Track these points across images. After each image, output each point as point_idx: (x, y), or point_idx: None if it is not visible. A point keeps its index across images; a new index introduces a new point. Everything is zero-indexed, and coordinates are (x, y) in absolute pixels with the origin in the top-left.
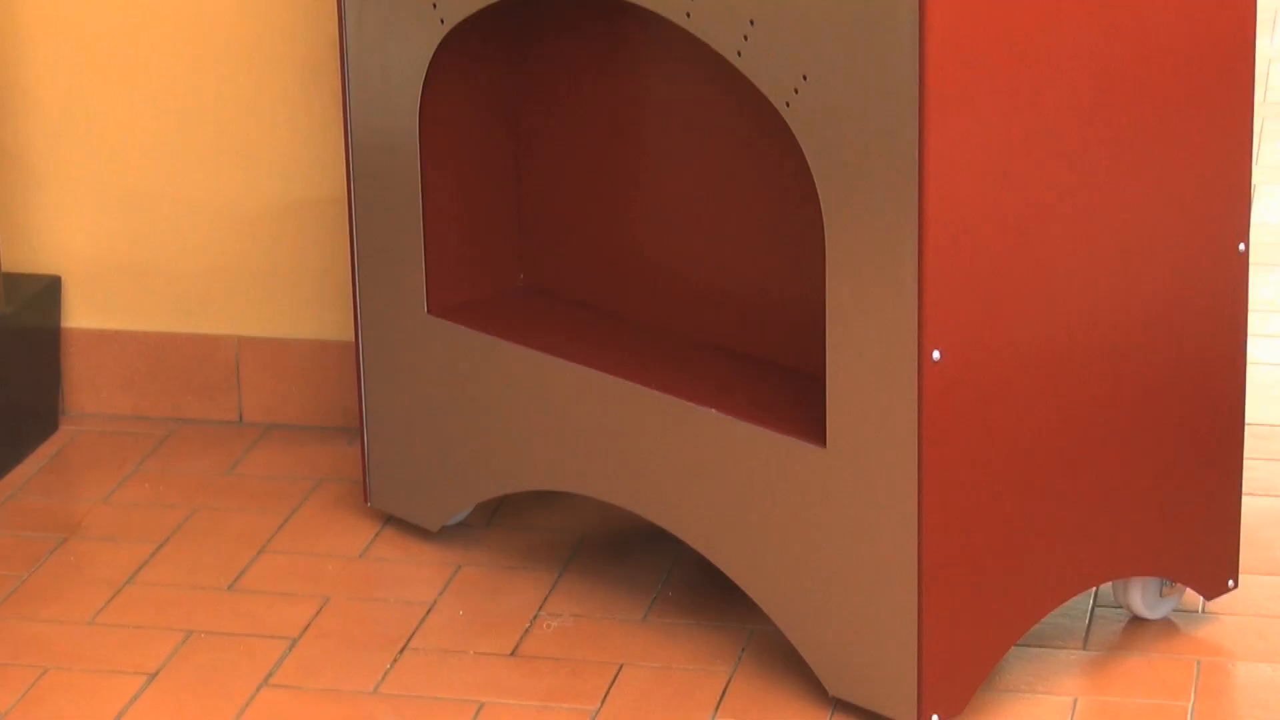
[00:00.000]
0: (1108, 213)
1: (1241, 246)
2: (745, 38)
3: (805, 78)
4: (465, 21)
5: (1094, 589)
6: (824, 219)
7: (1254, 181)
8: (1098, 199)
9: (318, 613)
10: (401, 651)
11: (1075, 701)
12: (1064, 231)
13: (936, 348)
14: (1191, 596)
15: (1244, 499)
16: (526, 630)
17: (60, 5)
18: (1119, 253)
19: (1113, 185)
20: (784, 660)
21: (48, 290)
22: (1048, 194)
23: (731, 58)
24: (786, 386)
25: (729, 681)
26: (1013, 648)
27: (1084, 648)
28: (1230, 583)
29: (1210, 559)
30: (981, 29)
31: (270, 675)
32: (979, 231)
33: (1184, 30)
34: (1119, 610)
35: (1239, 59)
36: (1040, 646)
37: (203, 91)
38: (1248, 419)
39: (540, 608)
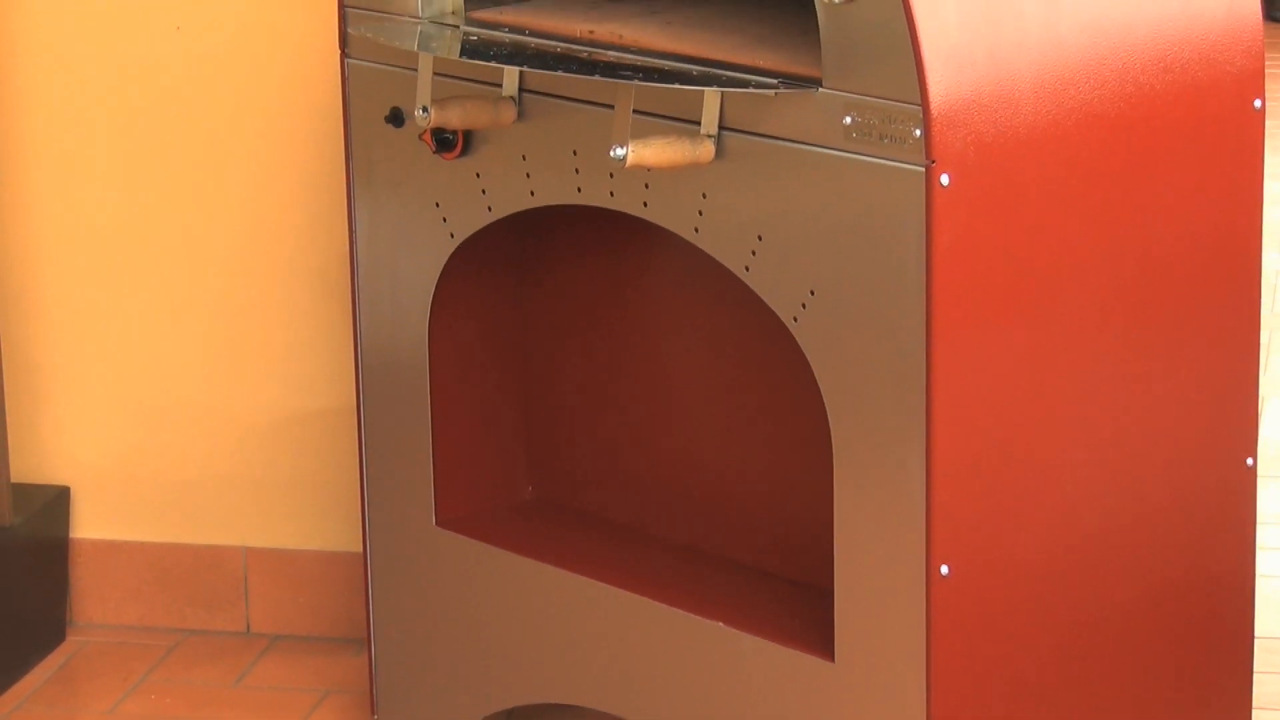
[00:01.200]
0: (1115, 426)
1: (1250, 461)
2: (753, 253)
3: (813, 293)
4: (475, 234)
5: None
6: (831, 433)
7: (1262, 394)
8: (1105, 412)
9: None
10: None
11: None
12: (1072, 445)
13: (945, 562)
14: None
15: (1254, 713)
16: None
17: (69, 213)
18: (1127, 466)
19: (1120, 398)
20: None
21: (56, 501)
22: (1055, 408)
23: (739, 272)
24: (795, 600)
25: None
26: None
27: None
28: None
29: None
30: (988, 245)
31: None
32: (986, 445)
33: (1191, 245)
34: None
35: (1245, 273)
36: None
37: (212, 302)
38: (1257, 632)
39: None
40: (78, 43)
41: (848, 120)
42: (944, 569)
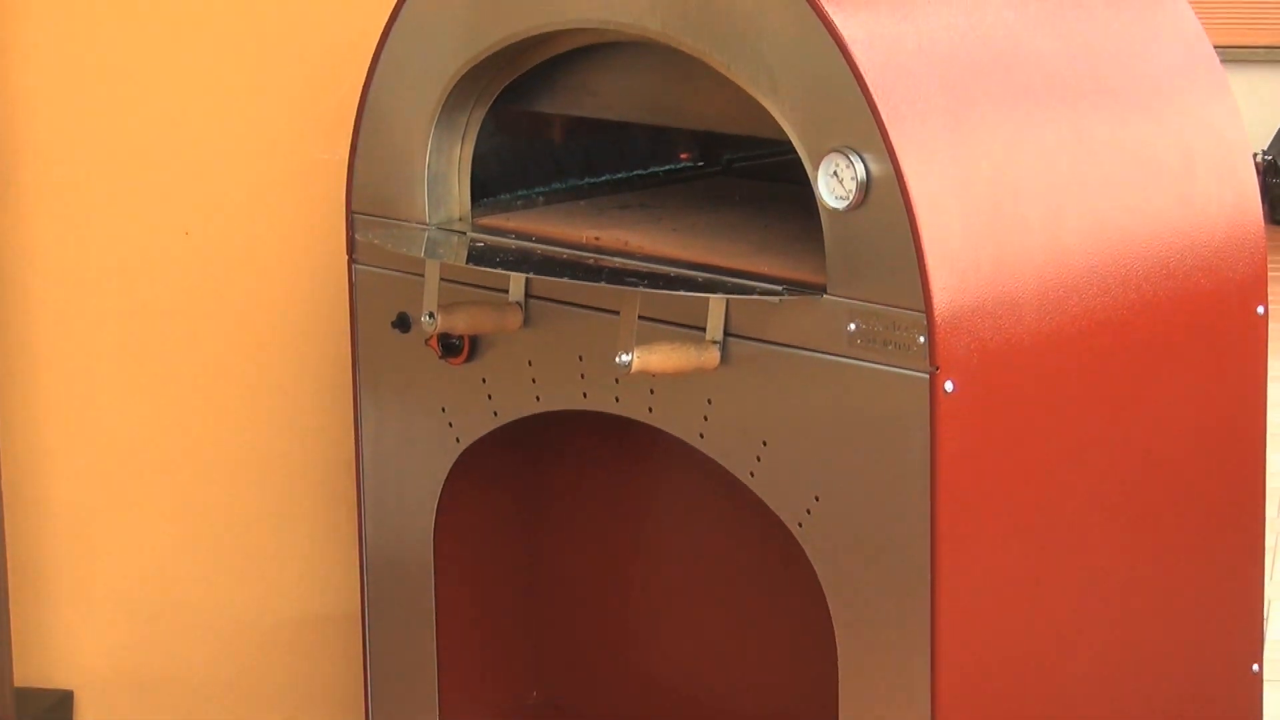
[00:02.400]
0: (1120, 630)
1: (1255, 667)
2: (758, 458)
3: (817, 498)
4: (481, 439)
5: None
6: (837, 638)
7: (1267, 597)
8: (1110, 616)
9: None
10: None
11: None
12: (1076, 648)
13: None
14: None
15: None
16: None
17: (76, 416)
18: (1131, 670)
19: (1125, 602)
20: None
21: (60, 705)
22: (1060, 613)
23: (744, 478)
24: None
25: None
26: None
27: None
28: None
29: None
30: (992, 450)
31: None
32: (992, 649)
33: (1195, 450)
34: None
35: (1250, 477)
36: None
37: (218, 505)
38: None
39: None
40: (87, 246)
41: (852, 327)
42: None
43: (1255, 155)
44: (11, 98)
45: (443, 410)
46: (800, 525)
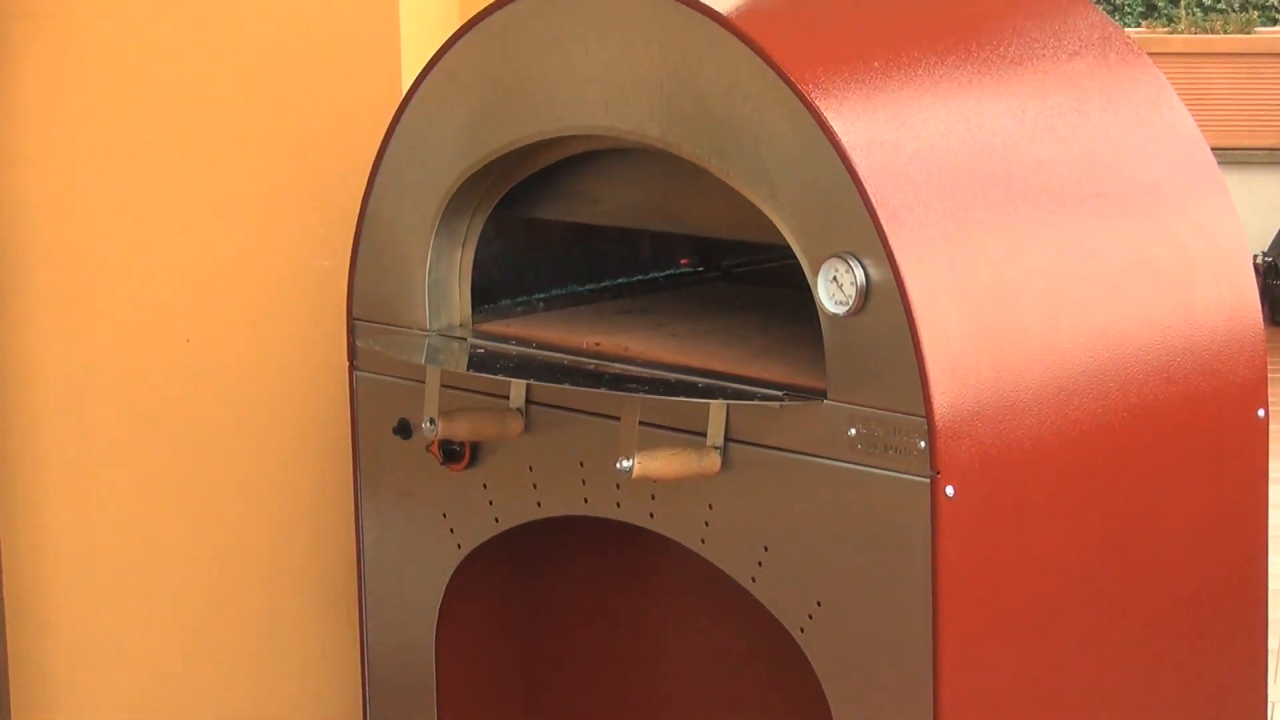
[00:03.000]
0: None
1: None
2: (759, 563)
3: (819, 604)
4: (482, 544)
5: None
6: None
7: (1271, 700)
8: (1112, 719)
9: None
10: None
11: None
12: None
13: None
14: None
15: None
16: None
17: (77, 526)
18: None
19: (1128, 706)
20: None
21: None
22: (1062, 717)
23: (746, 583)
24: None
25: None
26: None
27: None
28: None
29: None
30: (993, 554)
31: None
32: None
33: (1195, 553)
34: None
35: (1252, 578)
36: None
37: (217, 611)
38: None
39: None
40: (89, 353)
41: (853, 432)
42: None
43: (1255, 257)
44: (13, 203)
45: (444, 516)
46: (802, 630)
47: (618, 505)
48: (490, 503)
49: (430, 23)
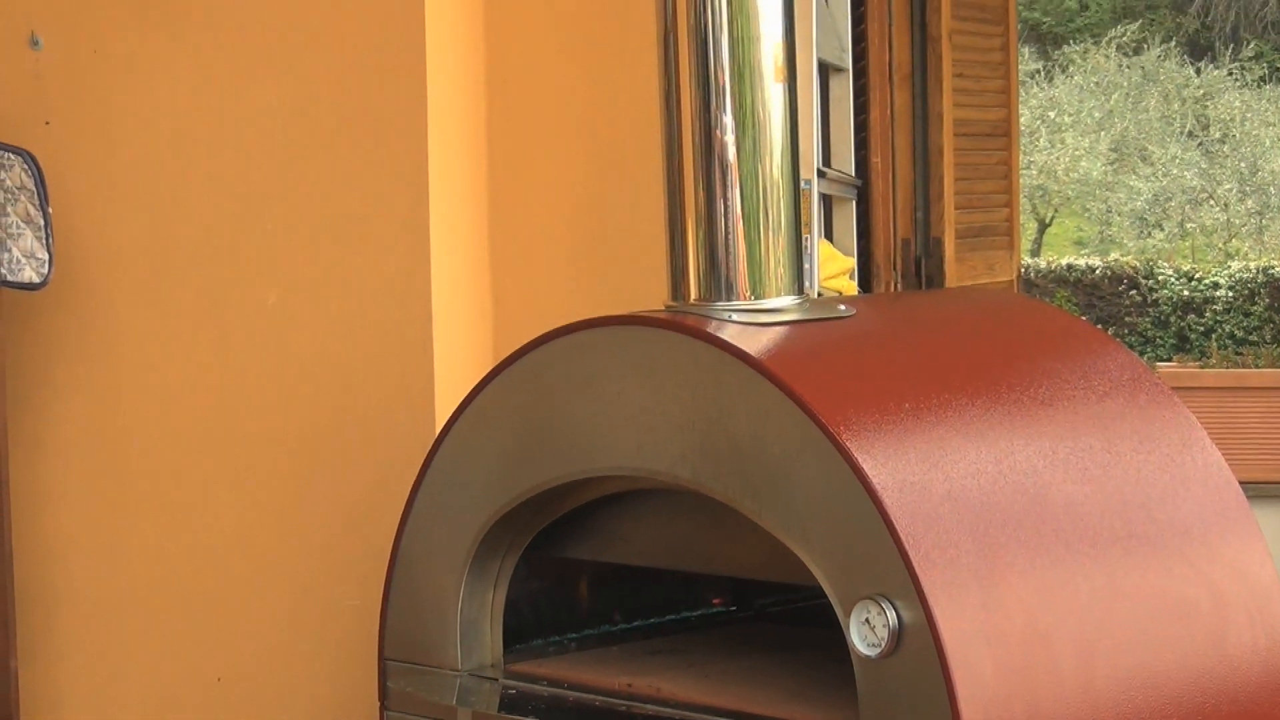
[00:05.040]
0: None
1: None
2: None
3: None
4: None
5: None
6: None
7: None
8: None
9: None
10: None
11: None
12: None
13: None
14: None
15: None
16: None
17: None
18: None
19: None
20: None
21: None
22: None
23: None
24: None
25: None
26: None
27: None
28: None
29: None
30: None
31: None
32: None
33: None
34: None
35: None
36: None
37: None
38: None
39: None
40: (119, 691)
41: None
42: None
43: None
44: (48, 539)
45: None
46: None
47: None
48: None
49: (464, 370)
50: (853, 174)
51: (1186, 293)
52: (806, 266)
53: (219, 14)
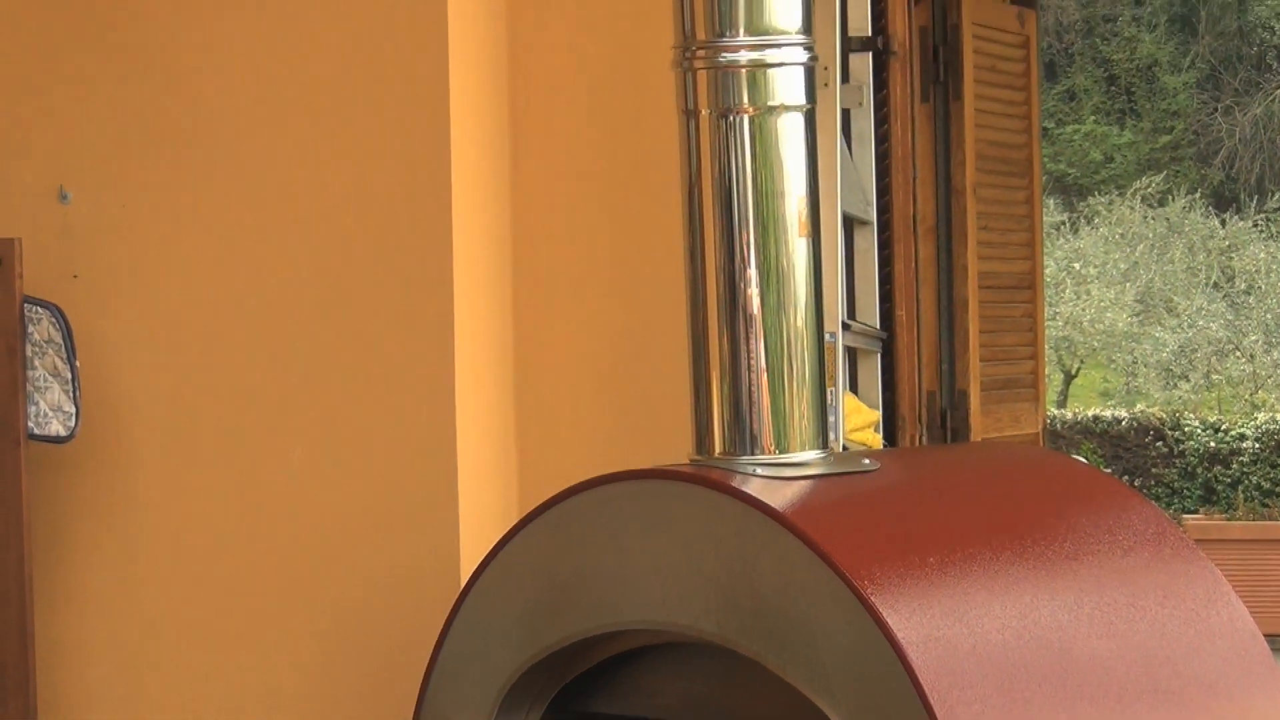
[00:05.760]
0: None
1: None
2: None
3: None
4: None
5: None
6: None
7: None
8: None
9: None
10: None
11: None
12: None
13: None
14: None
15: None
16: None
17: None
18: None
19: None
20: None
21: None
22: None
23: None
24: None
25: None
26: None
27: None
28: None
29: None
30: None
31: None
32: None
33: None
34: None
35: None
36: None
37: None
38: None
39: None
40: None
41: None
42: None
43: None
44: (70, 693)
45: None
46: None
47: None
48: None
49: (489, 523)
50: (877, 326)
51: (1213, 444)
52: (831, 419)
53: (245, 169)
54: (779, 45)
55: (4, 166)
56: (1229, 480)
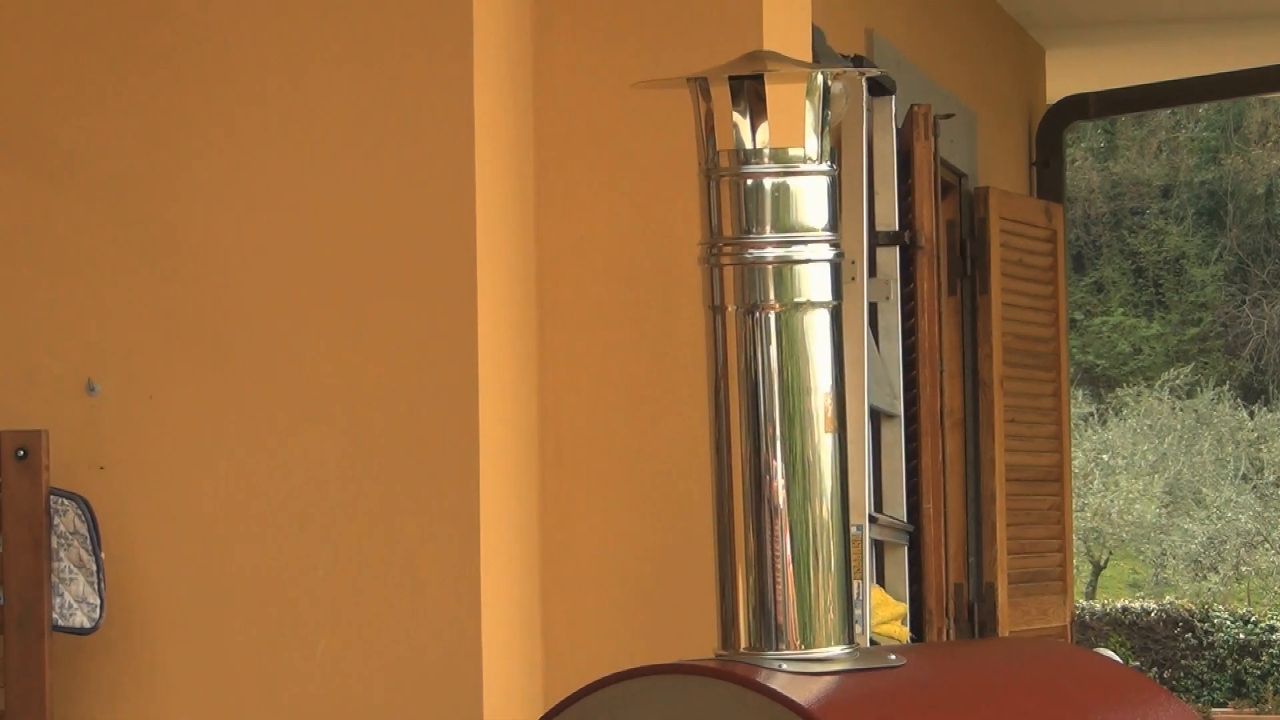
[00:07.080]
0: None
1: None
2: None
3: None
4: None
5: None
6: None
7: None
8: None
9: None
10: None
11: None
12: None
13: None
14: None
15: None
16: None
17: None
18: None
19: None
20: None
21: None
22: None
23: None
24: None
25: None
26: None
27: None
28: None
29: None
30: None
31: None
32: None
33: None
34: None
35: None
36: None
37: None
38: None
39: None
40: None
41: None
42: None
43: None
44: None
45: None
46: None
47: None
48: None
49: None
50: (904, 519)
51: (1243, 636)
52: (858, 613)
53: (271, 361)
54: (805, 242)
55: (32, 359)
56: (1259, 672)
